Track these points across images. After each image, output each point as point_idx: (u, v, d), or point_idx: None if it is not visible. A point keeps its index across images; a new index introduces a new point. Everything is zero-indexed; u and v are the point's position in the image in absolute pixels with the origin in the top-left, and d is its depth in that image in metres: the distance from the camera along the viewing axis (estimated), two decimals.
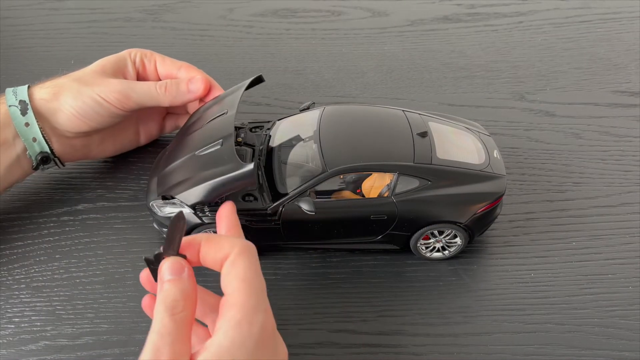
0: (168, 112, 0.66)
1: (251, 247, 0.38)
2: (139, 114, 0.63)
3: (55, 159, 0.57)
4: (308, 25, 0.86)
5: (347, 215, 0.51)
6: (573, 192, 0.62)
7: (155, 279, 0.38)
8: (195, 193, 0.49)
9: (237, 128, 0.59)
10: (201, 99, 0.60)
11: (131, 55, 0.60)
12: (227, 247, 0.37)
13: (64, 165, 0.59)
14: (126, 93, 0.56)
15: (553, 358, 0.49)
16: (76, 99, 0.54)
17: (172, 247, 0.38)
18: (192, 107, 0.63)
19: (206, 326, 0.43)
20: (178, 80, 0.59)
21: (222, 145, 0.50)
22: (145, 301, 0.42)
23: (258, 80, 0.58)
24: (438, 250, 0.55)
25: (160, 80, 0.62)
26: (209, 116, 0.55)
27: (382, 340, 0.50)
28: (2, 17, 0.87)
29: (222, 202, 0.49)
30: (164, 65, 0.61)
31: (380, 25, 0.86)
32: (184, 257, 0.38)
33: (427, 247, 0.54)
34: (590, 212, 0.60)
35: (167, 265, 0.37)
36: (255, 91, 0.74)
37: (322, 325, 0.51)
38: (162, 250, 0.38)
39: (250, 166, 0.47)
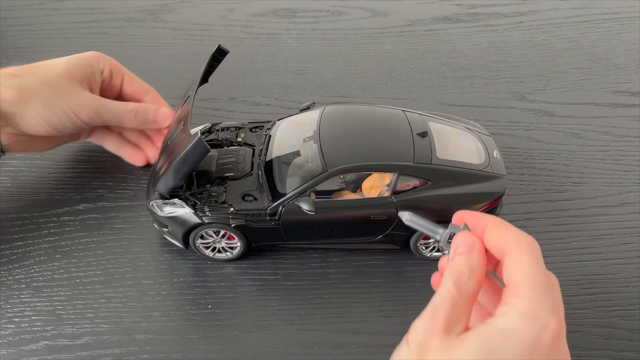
0: None
1: (534, 245, 0.36)
2: None
3: (1, 152, 0.56)
4: (308, 25, 0.86)
5: (347, 215, 0.51)
6: (573, 192, 0.62)
7: (446, 246, 0.39)
8: (167, 180, 0.50)
9: (237, 128, 0.60)
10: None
11: (99, 63, 0.60)
12: (511, 242, 0.36)
13: (4, 154, 0.57)
14: (98, 111, 0.56)
15: None
16: (46, 108, 0.53)
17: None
18: None
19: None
20: (147, 108, 0.60)
21: (182, 127, 0.51)
22: (435, 278, 0.42)
23: (221, 53, 0.56)
24: (438, 250, 0.55)
25: (120, 95, 0.62)
26: (180, 105, 0.56)
27: (382, 340, 0.50)
28: (2, 17, 0.87)
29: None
30: (131, 85, 0.61)
31: (380, 25, 0.86)
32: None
33: (427, 247, 0.54)
34: (590, 212, 0.60)
35: (460, 239, 0.38)
36: (255, 91, 0.75)
37: (321, 326, 0.51)
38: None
39: (198, 134, 0.47)
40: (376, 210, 0.51)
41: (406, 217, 0.41)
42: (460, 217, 0.40)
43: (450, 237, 0.39)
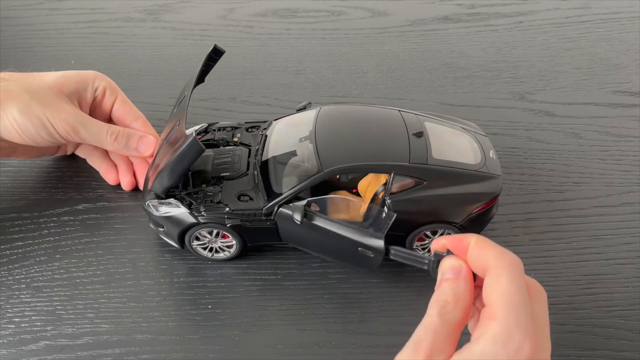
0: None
1: (514, 263, 0.36)
2: None
3: None
4: (308, 25, 0.86)
5: (335, 238, 0.49)
6: (573, 192, 0.62)
7: (434, 274, 0.39)
8: (162, 180, 0.51)
9: (233, 128, 0.60)
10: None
11: (95, 82, 0.59)
12: (491, 260, 0.36)
13: None
14: (75, 127, 0.54)
15: (553, 358, 0.49)
16: (22, 113, 0.52)
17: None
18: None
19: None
20: (130, 134, 0.58)
21: (178, 127, 0.51)
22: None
23: (217, 52, 0.55)
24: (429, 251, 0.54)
25: (110, 116, 0.61)
26: (175, 105, 0.56)
27: (381, 341, 0.50)
28: (2, 17, 0.87)
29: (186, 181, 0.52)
30: (122, 108, 0.60)
31: (380, 25, 0.86)
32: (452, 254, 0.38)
33: (423, 248, 0.54)
34: (590, 212, 0.60)
35: (447, 264, 0.37)
36: (255, 91, 0.75)
37: (321, 326, 0.51)
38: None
39: (192, 133, 0.48)
40: (364, 241, 0.48)
41: (392, 252, 0.41)
42: (441, 243, 0.38)
43: (437, 264, 0.38)
